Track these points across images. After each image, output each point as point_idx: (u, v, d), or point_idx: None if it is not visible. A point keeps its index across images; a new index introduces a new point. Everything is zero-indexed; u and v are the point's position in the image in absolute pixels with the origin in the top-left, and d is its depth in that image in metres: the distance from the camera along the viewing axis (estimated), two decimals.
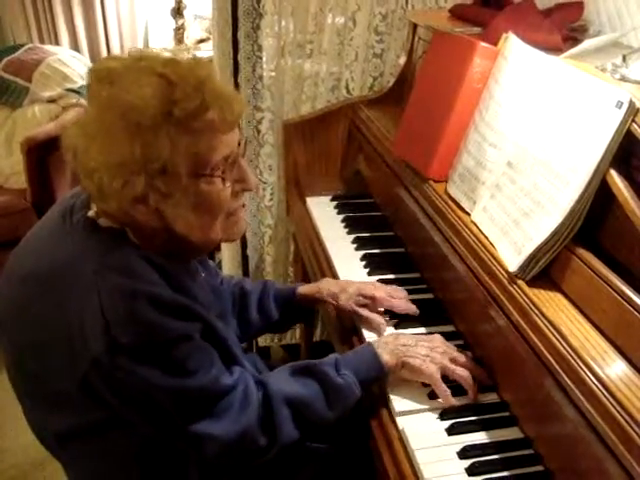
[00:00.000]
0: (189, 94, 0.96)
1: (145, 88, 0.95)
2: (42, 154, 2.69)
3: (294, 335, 2.52)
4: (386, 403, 1.20)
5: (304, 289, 1.46)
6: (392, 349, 1.21)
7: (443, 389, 1.18)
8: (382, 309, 1.41)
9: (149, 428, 1.05)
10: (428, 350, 1.22)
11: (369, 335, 1.36)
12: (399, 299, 1.41)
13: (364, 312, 1.38)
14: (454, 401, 1.18)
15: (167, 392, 1.00)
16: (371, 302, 1.39)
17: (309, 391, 1.14)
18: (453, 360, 1.22)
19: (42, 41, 3.48)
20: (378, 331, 1.36)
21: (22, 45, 3.29)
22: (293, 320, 1.58)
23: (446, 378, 1.20)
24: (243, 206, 1.14)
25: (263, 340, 2.51)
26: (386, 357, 1.20)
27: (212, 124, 0.99)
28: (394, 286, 1.46)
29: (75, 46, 3.54)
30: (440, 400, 1.19)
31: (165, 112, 0.95)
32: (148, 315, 0.96)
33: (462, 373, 1.20)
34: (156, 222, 1.02)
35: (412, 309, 1.40)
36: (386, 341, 1.24)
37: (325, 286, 1.45)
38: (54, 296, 1.00)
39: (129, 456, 1.11)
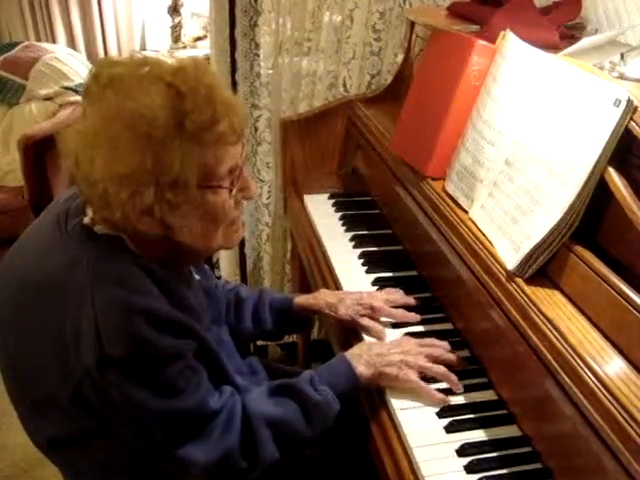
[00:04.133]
0: (200, 105, 0.95)
1: (153, 97, 0.94)
2: (39, 152, 2.69)
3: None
4: (384, 402, 1.20)
5: (301, 300, 1.44)
6: (367, 360, 1.20)
7: (426, 390, 1.18)
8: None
9: (136, 444, 1.04)
10: (401, 355, 1.20)
11: (369, 339, 1.35)
12: (398, 303, 1.41)
13: (364, 321, 1.36)
14: (442, 396, 1.18)
15: (152, 412, 0.99)
16: (370, 312, 1.37)
17: (288, 410, 1.13)
18: (429, 357, 1.22)
19: (39, 39, 3.47)
20: (379, 338, 1.34)
21: (19, 43, 3.29)
22: (288, 330, 1.57)
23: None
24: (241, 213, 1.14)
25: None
26: (361, 369, 1.18)
27: (222, 136, 0.99)
28: (389, 289, 1.45)
29: (72, 44, 3.54)
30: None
31: (176, 123, 0.94)
32: (142, 330, 0.95)
33: (438, 370, 1.20)
34: (158, 232, 1.01)
35: (412, 317, 1.38)
36: (359, 353, 1.22)
37: (322, 297, 1.42)
38: (49, 304, 0.99)
39: (122, 463, 1.10)
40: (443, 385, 1.21)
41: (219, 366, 1.13)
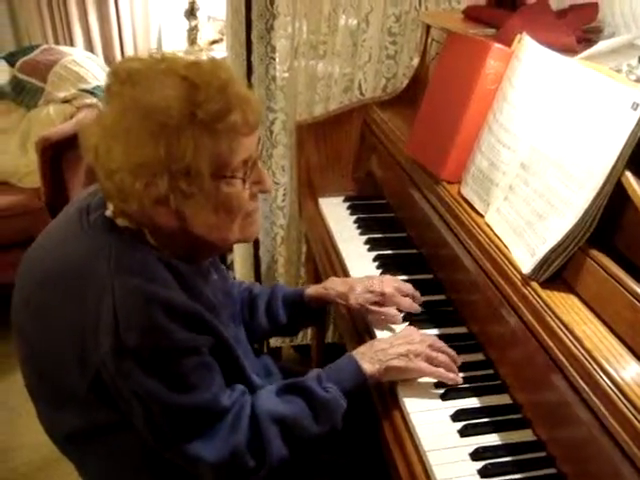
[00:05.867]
0: (212, 96, 0.97)
1: (168, 90, 0.96)
2: (56, 154, 2.70)
3: (305, 336, 2.51)
4: (398, 404, 1.20)
5: (311, 290, 1.45)
6: (371, 357, 1.21)
7: (439, 373, 1.20)
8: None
9: (147, 437, 1.05)
10: (407, 345, 1.22)
11: (381, 333, 1.36)
12: (408, 293, 1.43)
13: (376, 309, 1.38)
14: (453, 375, 1.21)
15: (162, 405, 1.00)
16: (381, 298, 1.39)
17: (295, 408, 1.14)
18: (432, 346, 1.23)
19: (57, 42, 3.50)
20: (394, 324, 1.36)
21: (37, 46, 3.31)
22: (302, 323, 1.58)
23: None
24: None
25: (274, 341, 2.51)
26: (366, 365, 1.19)
27: (235, 126, 1.00)
28: (397, 278, 1.46)
29: (89, 47, 3.56)
30: (451, 401, 1.19)
31: (189, 114, 0.96)
32: (159, 321, 0.97)
33: (443, 359, 1.22)
34: (175, 223, 1.03)
35: (415, 308, 1.41)
36: (363, 351, 1.23)
37: (332, 286, 1.44)
38: (70, 295, 1.01)
39: (138, 457, 1.12)
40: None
41: (236, 363, 1.14)
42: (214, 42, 3.71)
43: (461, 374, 1.23)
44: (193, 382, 1.02)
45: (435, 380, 1.22)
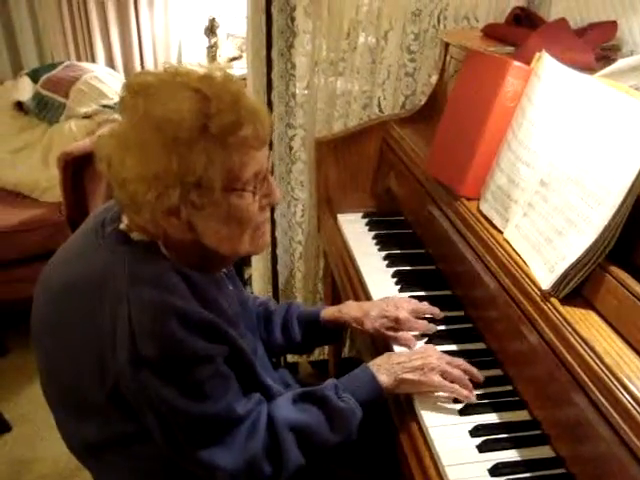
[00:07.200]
0: (224, 110, 0.99)
1: (181, 102, 0.98)
2: (77, 169, 2.73)
3: (322, 351, 2.52)
4: (416, 419, 1.20)
5: (327, 313, 1.45)
6: (387, 369, 1.22)
7: (453, 389, 1.20)
8: None
9: (163, 446, 1.06)
10: (422, 360, 1.22)
11: (399, 348, 1.36)
12: (424, 314, 1.42)
13: (390, 334, 1.38)
14: (467, 392, 1.20)
15: (178, 413, 1.01)
16: (395, 324, 1.39)
17: (312, 417, 1.15)
18: (449, 363, 1.23)
19: (79, 59, 3.55)
20: (408, 347, 1.36)
21: (60, 63, 3.36)
22: (317, 343, 1.59)
23: None
24: (272, 220, 1.16)
25: (291, 356, 2.51)
26: (382, 377, 1.20)
27: (246, 140, 1.02)
28: (414, 301, 1.45)
29: (111, 64, 3.61)
30: (470, 416, 1.19)
31: (201, 126, 0.97)
32: (174, 331, 0.98)
33: (458, 374, 1.22)
34: (186, 234, 1.04)
35: (431, 329, 1.40)
36: (380, 362, 1.24)
37: (347, 310, 1.44)
38: (86, 306, 1.02)
39: (158, 468, 1.12)
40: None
41: (253, 372, 1.15)
42: (233, 59, 3.74)
43: (480, 390, 1.23)
44: (208, 391, 1.03)
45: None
